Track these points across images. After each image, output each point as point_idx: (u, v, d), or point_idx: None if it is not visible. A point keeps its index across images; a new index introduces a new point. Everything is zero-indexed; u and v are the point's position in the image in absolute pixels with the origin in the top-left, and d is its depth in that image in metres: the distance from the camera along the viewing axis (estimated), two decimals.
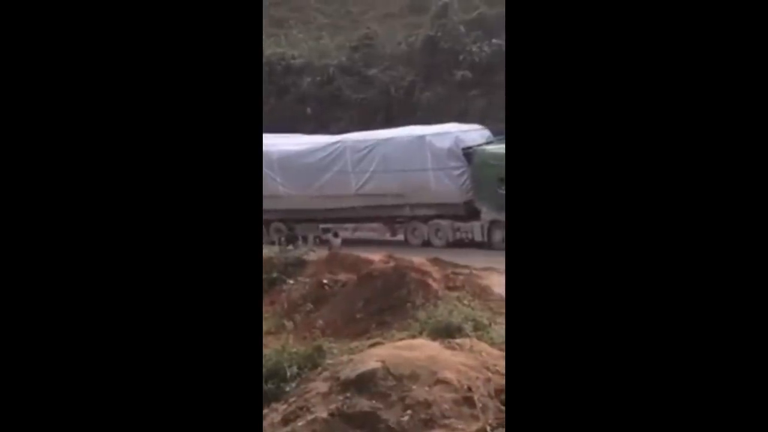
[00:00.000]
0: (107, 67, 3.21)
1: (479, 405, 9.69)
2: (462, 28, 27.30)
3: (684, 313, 3.04)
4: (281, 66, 29.99)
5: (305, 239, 20.84)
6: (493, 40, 25.52)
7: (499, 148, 18.30)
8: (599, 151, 3.14)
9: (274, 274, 17.13)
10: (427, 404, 9.63)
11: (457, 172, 20.19)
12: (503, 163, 14.93)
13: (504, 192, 15.50)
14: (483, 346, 10.90)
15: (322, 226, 22.45)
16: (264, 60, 31.68)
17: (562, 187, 3.16)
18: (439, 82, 27.59)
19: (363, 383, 9.82)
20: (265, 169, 24.06)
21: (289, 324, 13.97)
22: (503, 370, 10.20)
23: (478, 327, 11.90)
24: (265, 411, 10.31)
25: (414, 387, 9.77)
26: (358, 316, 14.11)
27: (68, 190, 3.19)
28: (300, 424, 9.16)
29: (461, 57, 26.67)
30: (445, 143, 20.71)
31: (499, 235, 18.31)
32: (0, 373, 3.12)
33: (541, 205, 3.18)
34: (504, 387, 9.59)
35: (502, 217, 16.53)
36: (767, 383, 2.99)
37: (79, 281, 3.16)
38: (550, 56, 3.19)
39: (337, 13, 36.18)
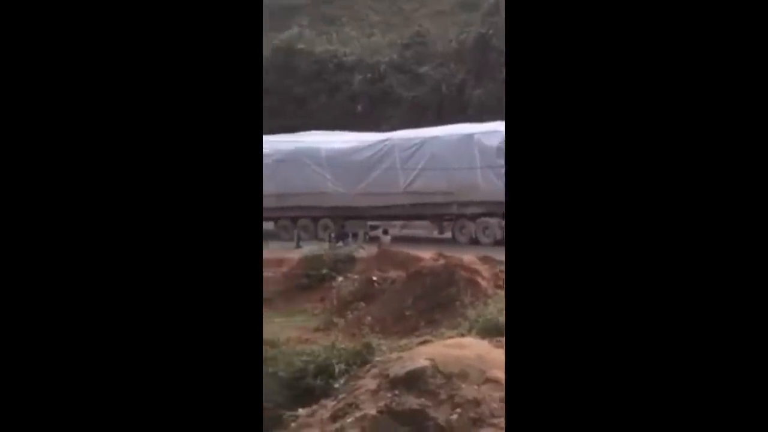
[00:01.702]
0: (107, 67, 3.20)
1: None
2: None
3: (685, 313, 3.03)
4: (333, 64, 30.15)
5: (355, 236, 20.96)
6: None
7: None
8: (600, 149, 3.13)
9: (324, 271, 17.33)
10: (476, 403, 9.33)
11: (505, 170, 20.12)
12: None
13: None
14: None
15: (370, 223, 22.56)
16: (315, 58, 31.87)
17: (563, 185, 3.15)
18: (490, 79, 27.37)
19: (412, 381, 9.61)
20: (314, 166, 24.36)
21: (338, 321, 14.06)
22: None
23: None
24: (313, 407, 10.35)
25: (463, 385, 9.49)
26: (407, 313, 14.02)
27: (66, 189, 3.17)
28: (349, 420, 9.15)
29: None
30: (494, 141, 20.51)
31: None
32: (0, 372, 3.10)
33: (542, 203, 3.17)
34: None
35: None
36: (767, 383, 3.02)
37: (78, 281, 3.14)
38: (551, 55, 3.18)
39: (389, 10, 36.16)
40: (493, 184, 20.55)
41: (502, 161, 20.03)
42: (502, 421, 8.69)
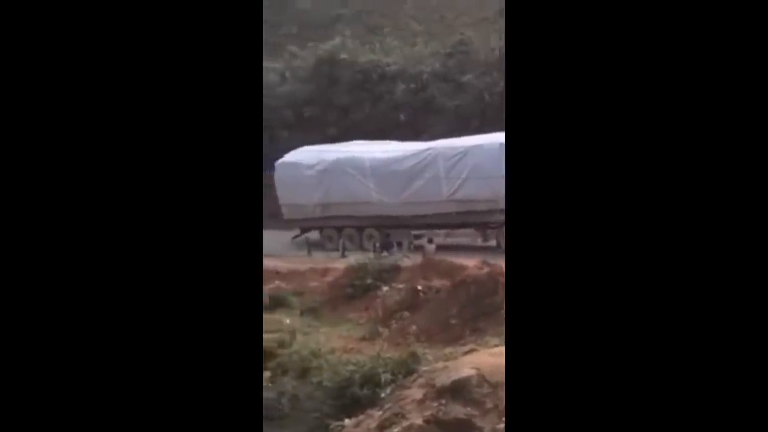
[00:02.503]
0: (107, 67, 3.17)
1: None
2: None
3: (685, 314, 3.01)
4: (376, 74, 30.33)
5: (399, 245, 21.07)
6: None
7: None
8: (600, 151, 3.11)
9: (369, 281, 17.49)
10: None
11: None
12: None
13: None
14: None
15: (414, 232, 22.64)
16: (358, 68, 32.05)
17: (563, 188, 3.13)
18: None
19: (458, 390, 9.86)
20: (358, 176, 24.59)
21: (383, 330, 14.16)
22: None
23: None
24: (360, 417, 10.57)
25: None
26: (452, 322, 14.27)
27: (66, 190, 3.15)
28: (395, 430, 9.28)
29: None
30: None
31: None
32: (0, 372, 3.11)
33: (542, 205, 3.15)
34: None
35: None
36: (767, 383, 2.96)
37: (79, 281, 3.13)
38: (551, 56, 3.16)
39: (430, 19, 36.21)
40: None
41: None
42: None
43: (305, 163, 23.98)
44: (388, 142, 24.92)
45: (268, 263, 16.56)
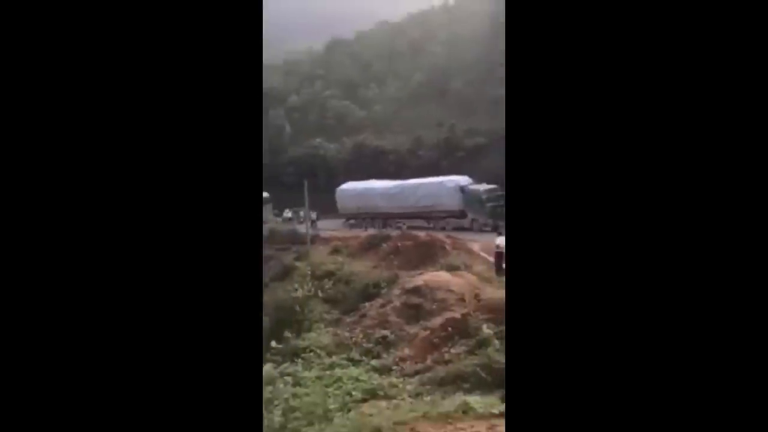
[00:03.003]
0: (107, 68, 3.05)
1: (466, 301, 15.47)
2: None
3: (685, 317, 2.89)
4: None
5: (390, 227, 38.61)
6: None
7: (477, 187, 35.57)
8: (600, 151, 2.97)
9: (376, 241, 28.49)
10: (443, 300, 15.71)
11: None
12: (483, 195, 31.78)
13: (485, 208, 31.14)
14: (469, 276, 18.15)
15: (397, 221, 39.90)
16: None
17: (563, 190, 3.00)
18: None
19: (415, 290, 16.50)
20: (372, 195, 46.17)
21: (382, 263, 23.19)
22: (481, 287, 16.65)
23: (463, 267, 19.51)
24: (372, 300, 18.25)
25: (438, 293, 16.08)
26: (412, 260, 22.65)
27: (66, 191, 3.01)
28: (388, 307, 16.82)
29: None
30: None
31: (476, 225, 34.14)
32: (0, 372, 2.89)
33: (541, 207, 3.01)
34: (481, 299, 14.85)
35: (480, 217, 33.88)
36: (767, 383, 2.82)
37: (79, 281, 3.01)
38: (551, 55, 3.01)
39: None
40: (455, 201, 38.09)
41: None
42: (454, 308, 15.05)
43: (349, 188, 43.36)
44: (387, 180, 42.67)
45: (333, 234, 31.05)
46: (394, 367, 12.95)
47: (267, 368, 10.88)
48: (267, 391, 9.22)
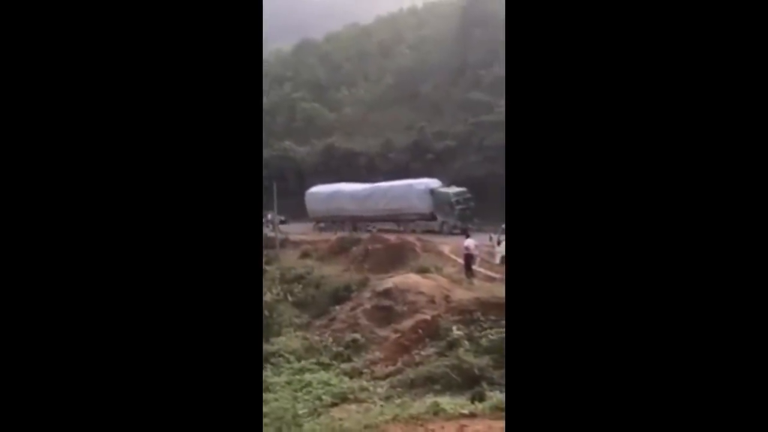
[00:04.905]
0: (107, 68, 3.02)
1: (437, 303, 16.27)
2: None
3: (685, 315, 2.85)
4: None
5: (360, 229, 37.58)
6: None
7: (447, 190, 35.46)
8: (600, 151, 2.95)
9: (347, 244, 29.17)
10: (413, 302, 16.53)
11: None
12: (453, 197, 31.90)
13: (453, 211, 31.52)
14: (440, 278, 18.88)
15: (367, 224, 38.84)
16: None
17: (563, 189, 2.98)
18: None
19: (386, 293, 17.30)
20: (342, 198, 44.23)
21: (351, 266, 23.45)
22: (451, 288, 17.24)
23: (433, 270, 20.24)
24: (343, 303, 18.88)
25: (408, 296, 16.89)
26: (384, 259, 23.78)
27: (66, 191, 2.99)
28: (358, 310, 17.98)
29: None
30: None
31: (446, 228, 33.75)
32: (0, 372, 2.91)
33: (541, 207, 2.99)
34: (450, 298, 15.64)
35: (449, 220, 32.63)
36: (767, 383, 2.78)
37: (79, 282, 2.98)
38: (551, 55, 3.00)
39: None
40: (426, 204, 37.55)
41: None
42: (425, 310, 15.87)
43: (319, 191, 41.13)
44: (357, 183, 42.02)
45: (303, 237, 30.67)
46: (365, 371, 13.27)
47: None
48: None
